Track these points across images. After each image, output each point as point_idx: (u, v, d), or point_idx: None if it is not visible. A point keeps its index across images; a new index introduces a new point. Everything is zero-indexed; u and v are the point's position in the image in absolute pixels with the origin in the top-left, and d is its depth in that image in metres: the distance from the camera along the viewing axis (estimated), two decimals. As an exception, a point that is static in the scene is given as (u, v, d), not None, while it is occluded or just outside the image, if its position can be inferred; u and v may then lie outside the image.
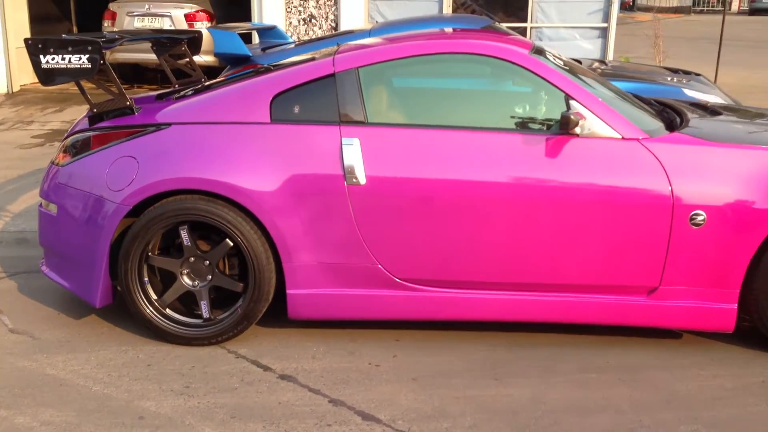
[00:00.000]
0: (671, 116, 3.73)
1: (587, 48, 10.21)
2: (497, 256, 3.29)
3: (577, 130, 3.19)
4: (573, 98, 3.26)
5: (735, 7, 44.18)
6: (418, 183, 3.25)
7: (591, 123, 3.23)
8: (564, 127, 3.17)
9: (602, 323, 3.40)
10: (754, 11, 37.97)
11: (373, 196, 3.26)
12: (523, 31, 10.15)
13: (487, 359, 3.35)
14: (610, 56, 9.98)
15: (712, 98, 5.50)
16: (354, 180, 3.24)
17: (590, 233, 3.24)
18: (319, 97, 3.34)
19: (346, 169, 3.24)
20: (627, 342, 3.49)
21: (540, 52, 3.57)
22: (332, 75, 3.35)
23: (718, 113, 3.93)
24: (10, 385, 3.09)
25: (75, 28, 12.42)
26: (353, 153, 3.24)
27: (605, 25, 9.95)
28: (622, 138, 3.24)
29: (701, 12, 41.00)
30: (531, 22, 10.14)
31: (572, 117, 3.14)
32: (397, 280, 3.36)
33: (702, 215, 3.18)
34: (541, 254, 3.28)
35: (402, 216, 3.27)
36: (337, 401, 3.00)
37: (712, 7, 42.75)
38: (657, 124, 3.47)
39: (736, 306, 3.28)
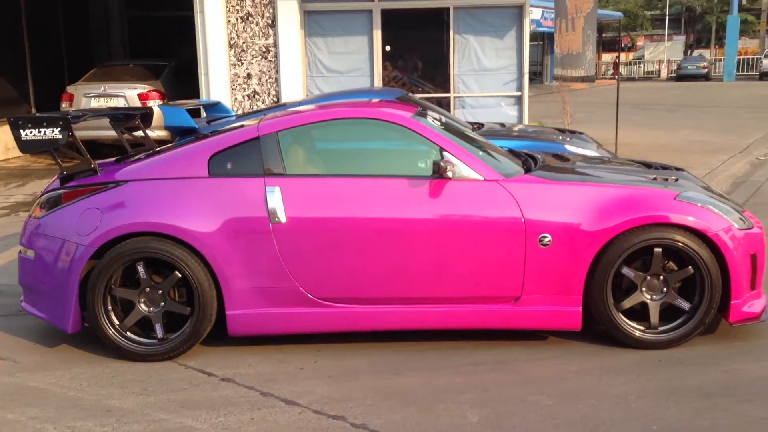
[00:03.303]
0: (529, 163, 4.72)
1: (509, 113, 11.41)
2: (391, 275, 4.15)
3: (449, 174, 4.13)
4: (445, 150, 4.22)
5: (664, 73, 47.11)
6: (328, 220, 4.13)
7: (459, 169, 4.18)
8: (436, 171, 4.11)
9: (479, 328, 4.27)
10: (681, 77, 40.58)
11: (292, 232, 4.12)
12: (447, 101, 11.32)
13: (390, 360, 4.17)
14: (526, 121, 11.17)
15: (588, 152, 6.60)
16: (276, 219, 4.10)
17: (464, 255, 4.14)
18: (247, 155, 4.23)
19: (270, 211, 4.11)
20: (501, 344, 4.33)
21: (422, 114, 4.56)
22: (257, 138, 4.27)
23: (567, 160, 4.96)
24: (-1, 394, 3.81)
25: (34, 109, 13.19)
26: (275, 198, 4.12)
27: (519, 93, 11.18)
28: (484, 179, 4.19)
29: (629, 80, 43.71)
30: (454, 92, 11.32)
31: (441, 164, 4.09)
32: (314, 298, 4.19)
33: (548, 237, 4.12)
34: (426, 273, 4.15)
35: (316, 247, 4.13)
36: (266, 393, 3.78)
37: (631, 75, 45.76)
38: (515, 168, 4.45)
39: (580, 308, 4.19)
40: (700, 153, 11.54)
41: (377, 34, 11.07)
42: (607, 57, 49.09)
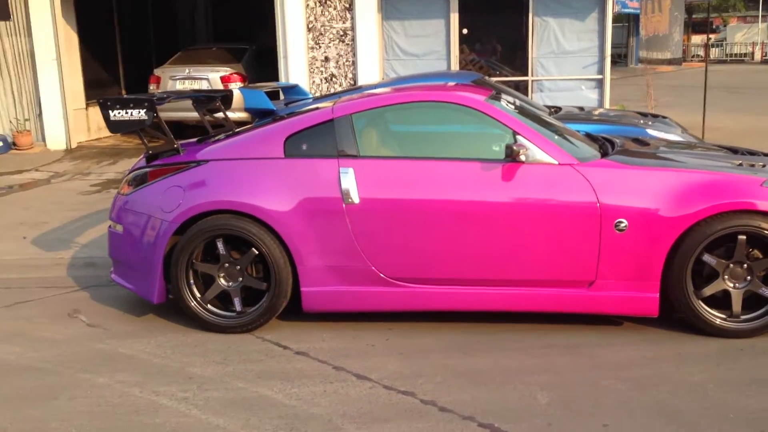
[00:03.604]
0: (607, 148, 4.62)
1: (590, 97, 11.16)
2: (466, 258, 4.17)
3: (522, 157, 4.10)
4: (518, 133, 4.19)
5: (758, 56, 44.87)
6: (402, 202, 4.18)
7: (533, 152, 4.14)
8: (509, 155, 4.09)
9: (552, 311, 4.24)
10: (775, 61, 38.54)
11: (365, 213, 4.19)
12: (525, 84, 11.17)
13: (460, 340, 4.20)
14: (607, 105, 10.91)
15: (672, 136, 6.40)
16: (350, 200, 4.18)
17: (537, 238, 4.11)
18: (322, 137, 4.32)
19: (344, 192, 4.19)
20: (575, 328, 4.30)
21: (496, 98, 4.53)
22: (331, 120, 4.35)
23: (648, 145, 4.83)
24: (90, 359, 4.05)
25: (124, 91, 13.78)
26: (349, 179, 4.20)
27: (600, 77, 10.92)
28: (558, 163, 4.15)
29: (720, 62, 41.79)
30: (532, 76, 11.14)
31: (514, 147, 4.06)
32: (386, 278, 4.25)
33: (624, 222, 4.04)
34: (498, 256, 4.15)
35: (389, 227, 4.19)
36: (339, 368, 3.88)
37: (724, 58, 43.63)
38: (591, 152, 4.38)
39: (657, 294, 4.10)
40: (794, 138, 10.98)
41: (454, 17, 11.01)
42: (697, 39, 47.07)
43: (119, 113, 4.57)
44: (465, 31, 11.17)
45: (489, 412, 3.36)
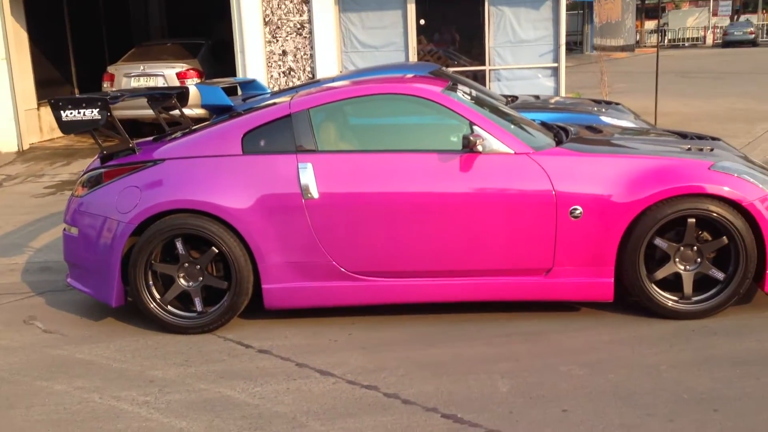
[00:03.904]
0: (561, 136, 4.69)
1: (546, 85, 11.28)
2: (425, 249, 4.20)
3: (479, 147, 4.14)
4: (475, 123, 4.23)
5: (709, 40, 45.82)
6: (360, 196, 4.19)
7: (489, 142, 4.19)
8: (466, 145, 4.13)
9: (512, 299, 4.31)
10: (726, 44, 39.44)
11: (324, 208, 4.19)
12: (483, 74, 11.24)
13: (422, 332, 4.24)
14: (563, 92, 11.04)
15: (624, 123, 6.52)
16: (309, 195, 4.18)
17: (495, 228, 4.17)
18: (280, 133, 4.31)
19: (303, 187, 4.18)
20: (534, 316, 4.37)
21: (452, 89, 4.56)
22: (289, 115, 4.33)
23: (601, 132, 4.91)
24: (48, 366, 3.99)
25: (76, 90, 13.50)
26: (308, 174, 4.19)
27: (555, 65, 11.04)
28: (515, 153, 4.20)
29: (673, 47, 42.61)
30: (489, 65, 11.22)
31: (471, 138, 4.10)
32: (348, 273, 4.26)
33: (579, 209, 4.11)
34: (458, 246, 4.19)
35: (349, 221, 4.20)
36: (302, 364, 3.89)
37: (677, 43, 44.50)
38: (546, 141, 4.44)
39: (612, 279, 4.19)
40: (744, 121, 11.27)
41: (411, 8, 11.02)
42: (650, 24, 47.85)
43: (72, 113, 4.48)
44: (422, 21, 11.19)
45: (451, 403, 3.40)
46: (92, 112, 4.47)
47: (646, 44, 42.81)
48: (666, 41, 44.19)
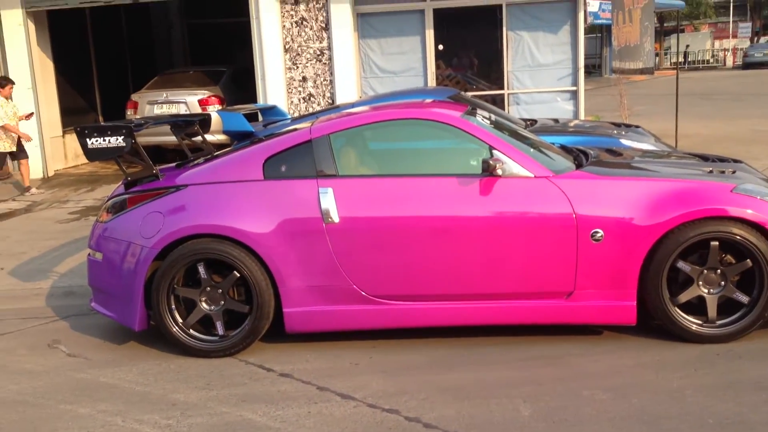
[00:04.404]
0: (581, 159, 4.70)
1: (566, 108, 11.30)
2: (445, 273, 4.20)
3: (499, 171, 4.15)
4: (494, 148, 4.25)
5: (730, 62, 45.64)
6: (381, 220, 4.21)
7: (509, 166, 4.20)
8: (486, 169, 4.14)
9: (532, 323, 4.29)
10: (747, 65, 39.25)
11: (345, 232, 4.21)
12: (502, 98, 11.28)
13: (443, 355, 4.22)
14: (582, 116, 11.05)
15: (645, 146, 6.50)
16: (330, 220, 4.21)
17: (515, 251, 4.16)
18: (300, 158, 4.35)
19: (323, 212, 4.21)
20: (556, 339, 4.35)
21: (471, 113, 4.59)
22: (309, 141, 4.38)
23: (621, 155, 4.91)
24: (72, 389, 4.03)
25: (101, 118, 13.73)
26: (328, 199, 4.23)
27: (574, 88, 11.06)
28: (534, 176, 4.21)
29: (693, 69, 42.48)
30: (508, 89, 11.27)
31: (491, 162, 4.12)
32: (368, 296, 4.27)
33: (600, 232, 4.10)
34: (479, 270, 4.19)
35: (370, 245, 4.21)
36: (323, 388, 3.89)
37: (695, 64, 44.39)
38: (566, 164, 4.44)
39: (635, 303, 4.16)
40: (766, 143, 11.17)
41: (430, 34, 11.12)
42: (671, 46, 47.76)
43: (97, 141, 4.57)
44: (441, 47, 11.28)
45: (473, 426, 3.38)
46: (117, 139, 4.55)
47: (664, 66, 42.76)
48: (686, 64, 44.11)
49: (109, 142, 4.56)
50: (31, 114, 10.52)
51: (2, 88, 9.99)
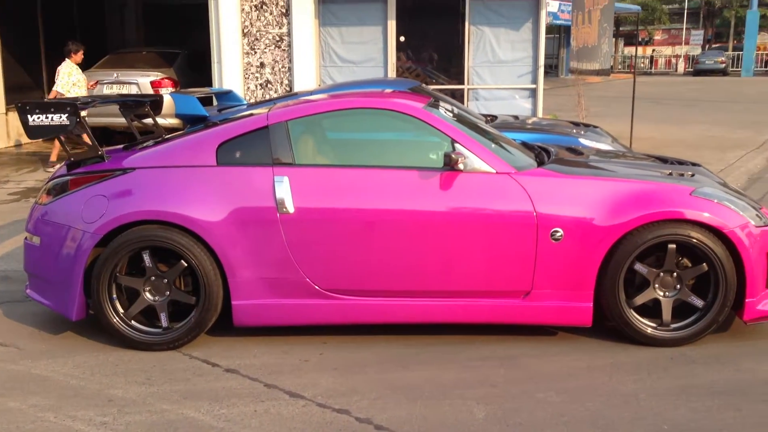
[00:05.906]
0: (543, 157, 4.63)
1: (524, 106, 11.29)
2: (402, 268, 4.09)
3: (460, 166, 4.05)
4: (457, 141, 4.14)
5: (681, 68, 46.75)
6: (337, 211, 4.07)
7: (471, 161, 4.10)
8: (447, 163, 4.03)
9: (488, 322, 4.20)
10: (698, 72, 40.30)
11: (300, 223, 4.06)
12: (461, 93, 11.22)
13: (397, 354, 4.11)
14: (540, 114, 11.06)
15: (603, 146, 6.49)
16: (284, 210, 4.05)
17: (474, 248, 4.07)
18: (256, 144, 4.17)
19: (278, 201, 4.05)
20: (510, 339, 4.27)
21: (434, 106, 4.48)
22: (266, 127, 4.20)
23: (581, 154, 4.86)
24: (2, 382, 3.78)
25: (47, 95, 13.20)
26: (283, 188, 4.06)
27: (534, 86, 11.05)
28: (496, 172, 4.11)
29: (645, 74, 43.36)
30: (468, 84, 11.20)
31: (453, 156, 4.01)
32: (322, 290, 4.13)
33: (560, 231, 4.03)
34: (435, 266, 4.08)
35: (325, 238, 4.07)
36: (270, 385, 3.73)
37: (645, 69, 45.39)
38: (528, 161, 4.37)
39: (591, 304, 4.11)
40: (716, 148, 11.38)
41: (392, 25, 10.97)
42: (626, 51, 48.72)
43: (39, 118, 4.31)
44: (402, 38, 11.14)
45: (426, 429, 3.27)
46: (61, 117, 4.30)
47: (619, 69, 43.56)
48: (625, 67, 45.16)
49: (52, 119, 4.30)
50: None
51: None
